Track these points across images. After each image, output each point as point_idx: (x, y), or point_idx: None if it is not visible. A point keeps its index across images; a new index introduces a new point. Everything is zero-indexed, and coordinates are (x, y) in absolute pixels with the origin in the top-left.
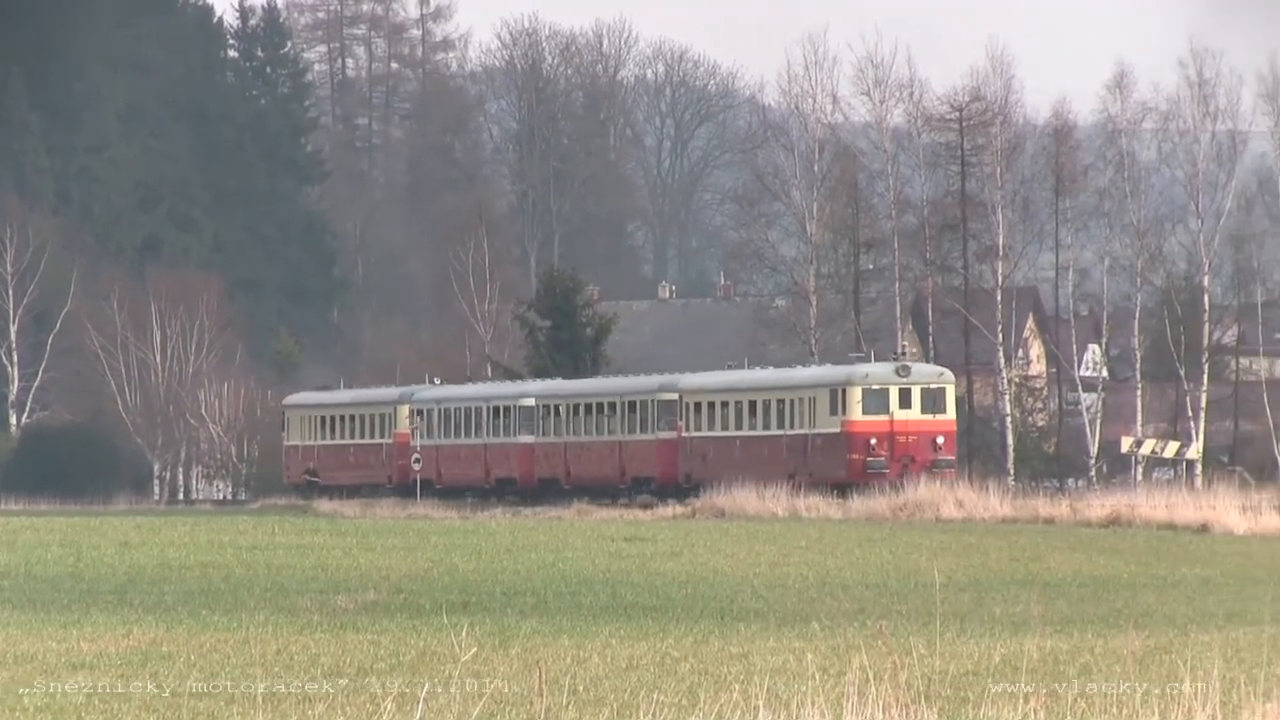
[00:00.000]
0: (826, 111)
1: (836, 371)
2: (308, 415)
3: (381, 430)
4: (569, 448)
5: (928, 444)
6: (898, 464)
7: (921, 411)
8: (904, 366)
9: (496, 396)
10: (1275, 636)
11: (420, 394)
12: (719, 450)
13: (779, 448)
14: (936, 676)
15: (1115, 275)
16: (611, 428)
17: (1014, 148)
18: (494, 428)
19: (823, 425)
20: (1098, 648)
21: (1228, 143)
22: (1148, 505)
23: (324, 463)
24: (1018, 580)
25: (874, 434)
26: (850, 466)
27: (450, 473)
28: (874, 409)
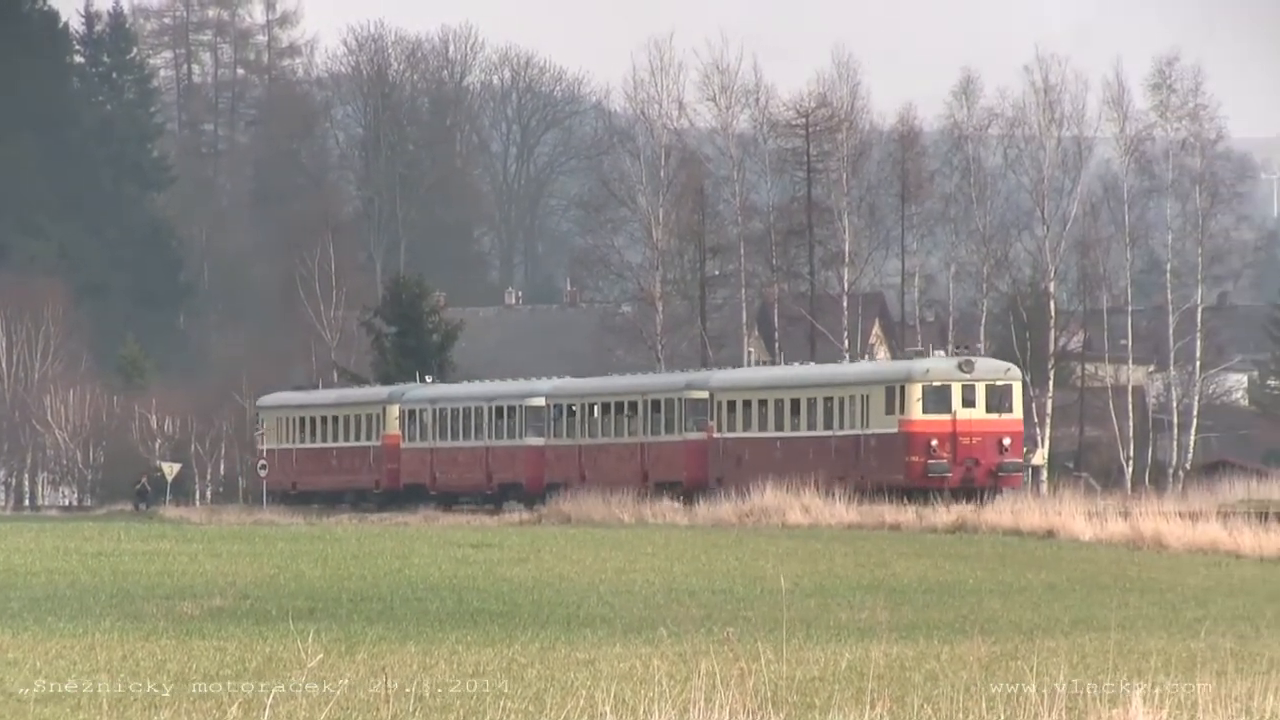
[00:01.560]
0: (673, 117)
1: (894, 367)
2: (285, 417)
3: (368, 432)
4: (584, 450)
5: (993, 445)
6: (960, 467)
7: (986, 410)
8: (967, 361)
9: (500, 395)
10: (1121, 643)
11: (411, 393)
12: (756, 452)
13: (826, 450)
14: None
15: (961, 281)
16: (633, 428)
17: (860, 154)
18: (497, 429)
19: (878, 425)
20: (944, 654)
21: (1073, 149)
22: (993, 511)
23: (303, 467)
24: (864, 586)
25: (935, 435)
26: (909, 470)
27: (446, 478)
28: (935, 407)
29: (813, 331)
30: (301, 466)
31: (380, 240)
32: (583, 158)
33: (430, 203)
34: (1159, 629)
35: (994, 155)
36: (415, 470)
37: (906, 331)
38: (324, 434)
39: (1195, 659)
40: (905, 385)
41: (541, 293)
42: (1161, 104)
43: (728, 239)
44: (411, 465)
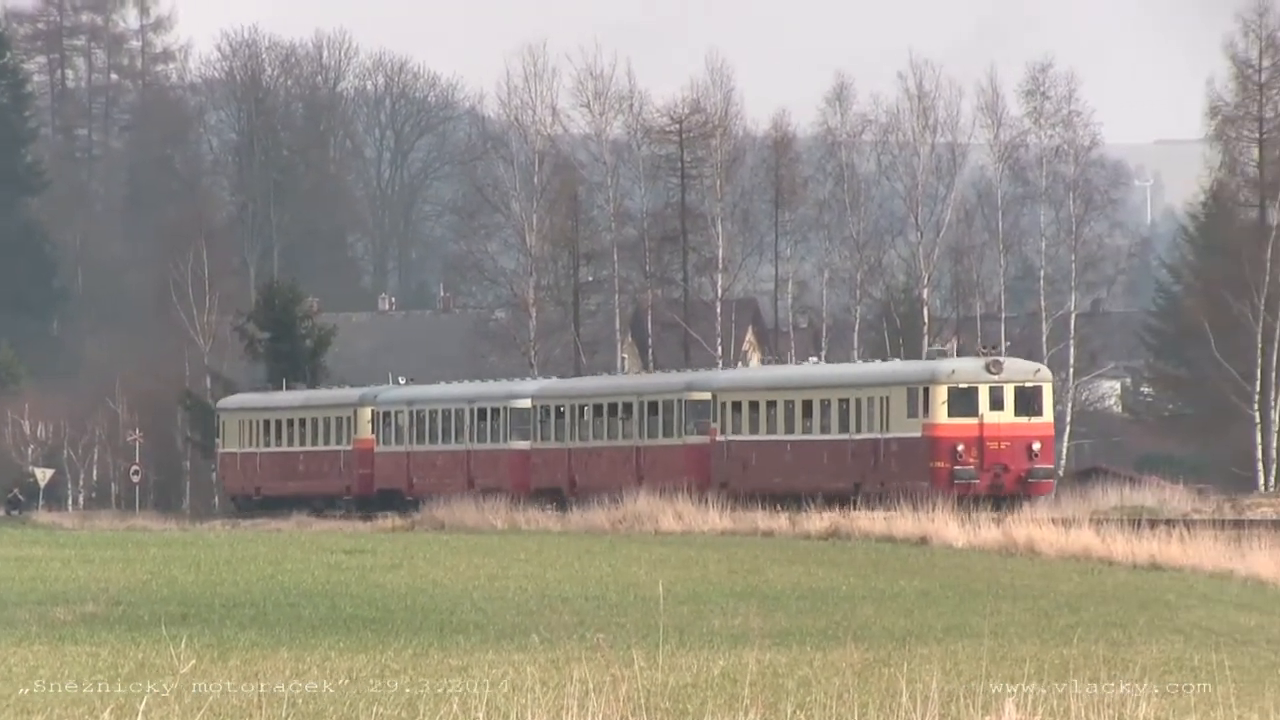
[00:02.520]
0: (546, 123)
1: (917, 367)
2: (248, 419)
3: (339, 436)
4: (574, 454)
5: (1022, 450)
6: (988, 473)
7: (1015, 413)
8: (995, 362)
9: (481, 397)
10: (994, 649)
11: (385, 395)
12: (764, 456)
13: (842, 454)
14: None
15: (835, 287)
16: (627, 431)
17: (734, 160)
18: (478, 432)
19: (899, 429)
20: (817, 660)
21: (947, 155)
22: (866, 518)
23: (268, 472)
24: (737, 593)
25: (961, 439)
26: (934, 476)
27: (424, 482)
28: (961, 410)
29: (686, 338)
30: (266, 471)
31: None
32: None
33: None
34: (1032, 635)
35: (868, 161)
36: (390, 475)
37: (780, 337)
38: (290, 437)
39: (1068, 665)
40: (929, 387)
41: (415, 298)
42: (1035, 111)
43: (601, 245)
44: (386, 470)
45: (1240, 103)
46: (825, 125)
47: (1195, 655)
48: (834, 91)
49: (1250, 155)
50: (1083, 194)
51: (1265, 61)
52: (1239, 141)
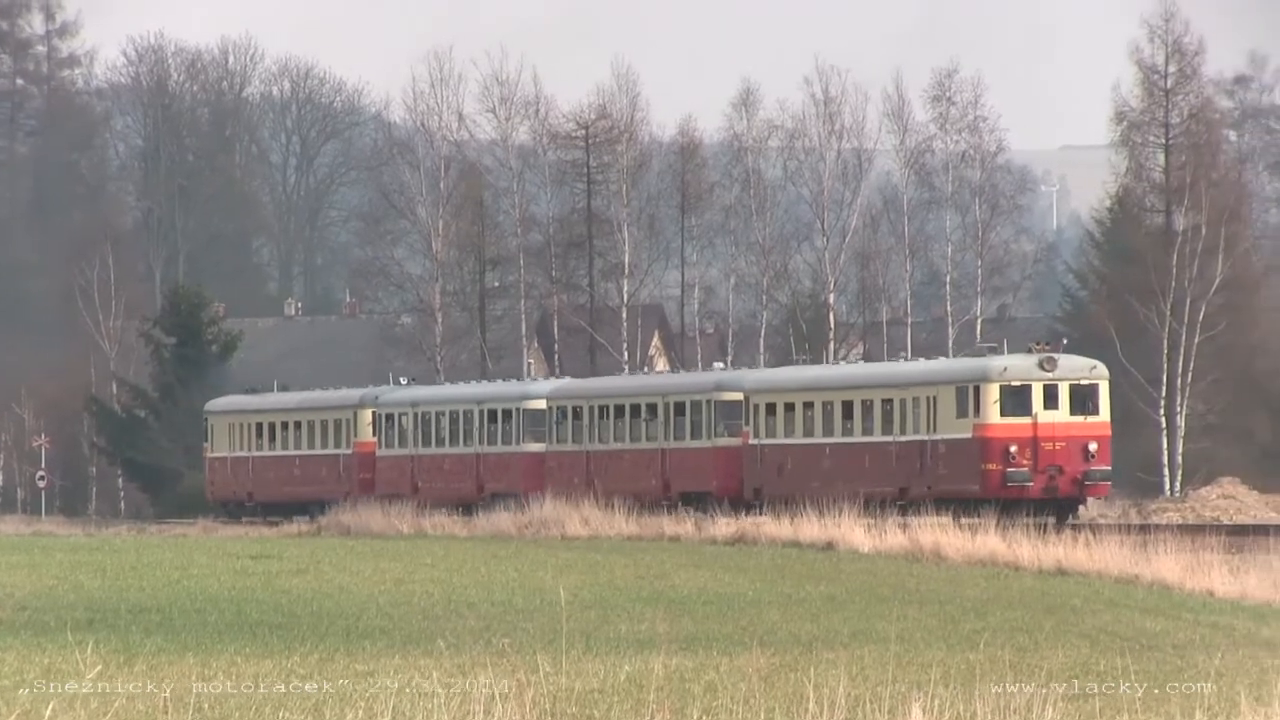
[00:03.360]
0: (452, 129)
1: (967, 365)
2: (239, 422)
3: (337, 439)
4: (593, 458)
5: (1078, 451)
6: (1043, 475)
7: (1071, 412)
8: (1049, 358)
9: (491, 398)
10: (900, 654)
11: (387, 396)
12: (801, 461)
13: (885, 457)
14: (562, 695)
15: (741, 293)
16: (652, 433)
17: (640, 165)
18: (489, 434)
19: (948, 429)
20: (723, 666)
21: (853, 161)
22: (773, 523)
23: (260, 477)
24: (643, 598)
25: (1014, 440)
26: (985, 479)
27: (430, 487)
28: (1014, 410)
29: (592, 343)
30: (258, 476)
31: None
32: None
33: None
34: (938, 640)
35: (774, 167)
36: (393, 479)
37: (686, 343)
38: (285, 441)
39: (974, 670)
40: (980, 385)
41: (321, 304)
42: (941, 116)
43: (507, 250)
44: (389, 474)
45: (1146, 108)
46: (732, 131)
47: (1101, 660)
48: (740, 97)
49: (1156, 161)
50: (989, 199)
51: (1171, 67)
52: (1145, 147)
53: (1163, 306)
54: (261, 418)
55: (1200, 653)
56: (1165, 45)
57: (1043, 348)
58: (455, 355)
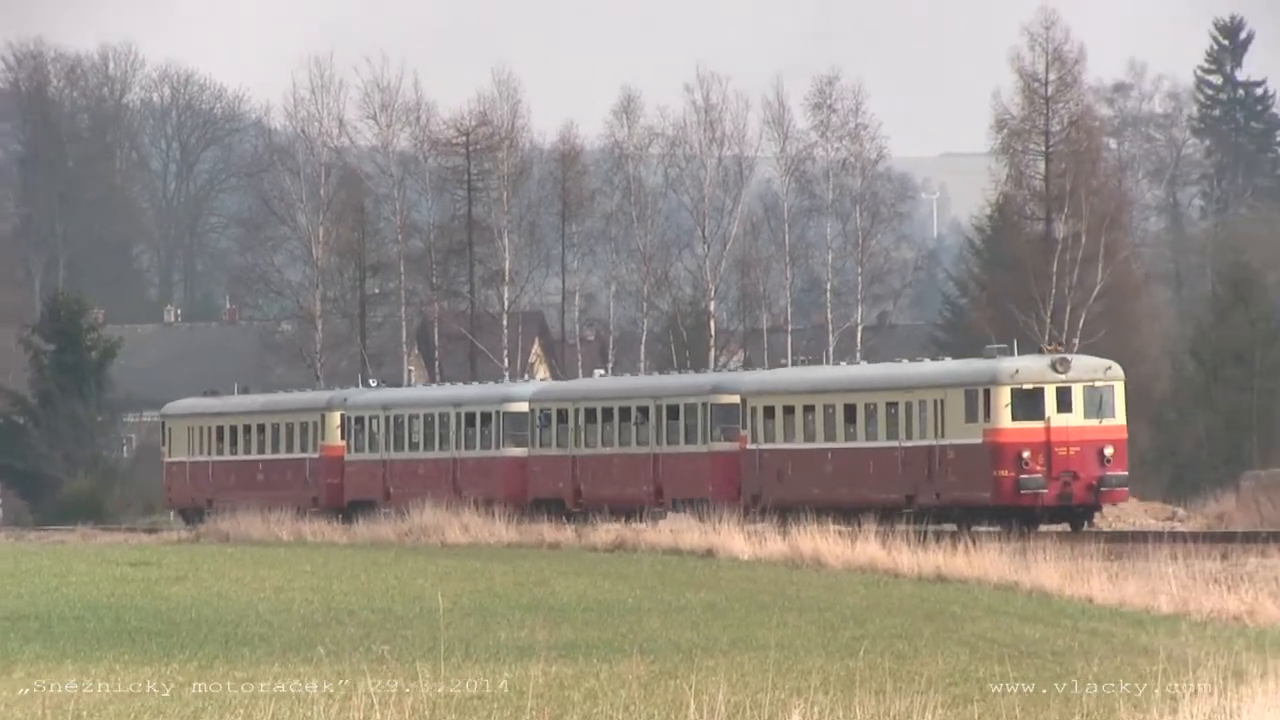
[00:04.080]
0: (333, 135)
1: (976, 367)
2: (198, 426)
3: (303, 443)
4: (580, 463)
5: (1093, 456)
6: (1057, 482)
7: (1085, 416)
8: (1062, 360)
9: (470, 400)
10: (780, 662)
11: (356, 398)
12: (802, 466)
13: (891, 463)
14: (442, 702)
15: (622, 300)
16: (642, 437)
17: (521, 172)
18: (467, 438)
19: (956, 434)
20: (603, 673)
21: (734, 168)
22: (652, 531)
23: (221, 482)
24: (523, 605)
25: (1026, 445)
26: (997, 486)
27: (402, 493)
28: (1026, 414)
29: (473, 350)
30: (219, 481)
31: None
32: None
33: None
34: (818, 648)
35: (655, 174)
36: (363, 485)
37: (567, 350)
38: (248, 445)
39: (854, 677)
40: (991, 389)
41: (201, 310)
42: (822, 124)
43: (388, 257)
44: (358, 479)
45: (1027, 116)
46: (612, 138)
47: (980, 667)
48: (621, 104)
49: (1036, 168)
50: (869, 207)
51: (1052, 75)
52: (1025, 155)
53: (1043, 314)
54: (222, 420)
55: (1079, 659)
56: (1046, 53)
57: (1055, 348)
58: (336, 362)
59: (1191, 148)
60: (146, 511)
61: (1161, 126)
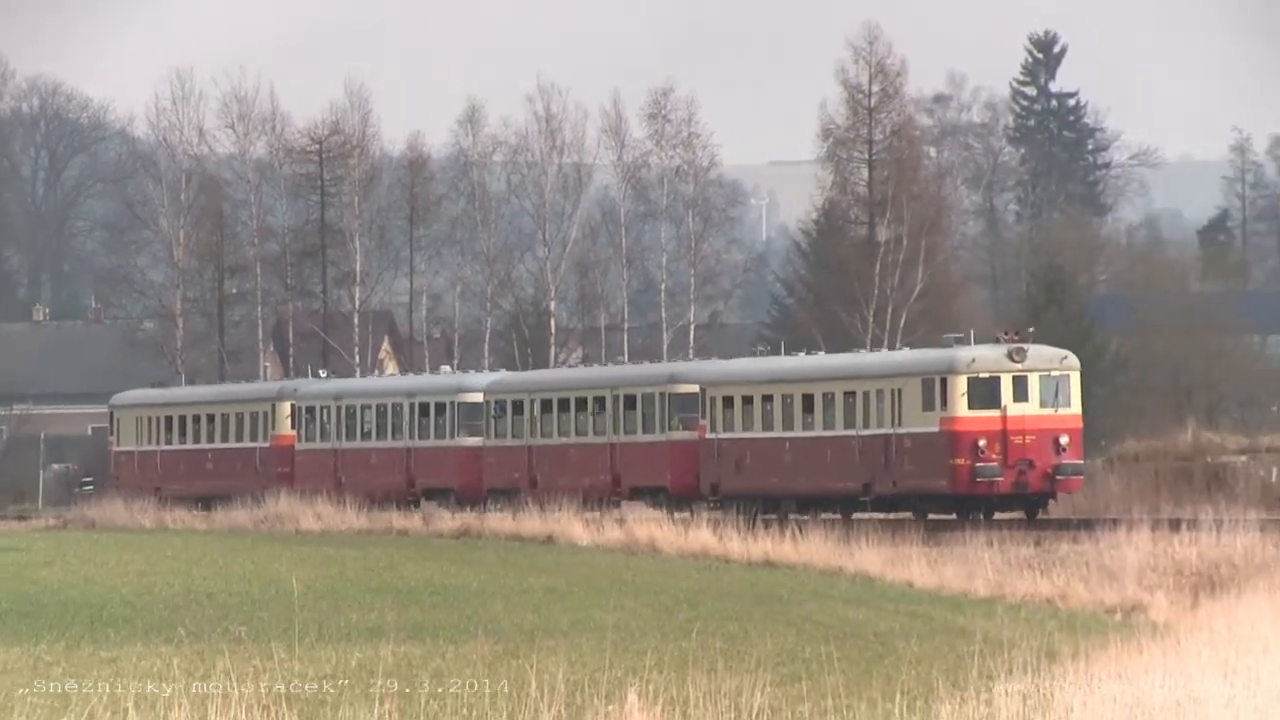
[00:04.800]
0: (193, 144)
1: (933, 356)
2: (146, 415)
3: (254, 432)
4: (536, 452)
5: (1049, 445)
6: (1012, 470)
7: (1041, 405)
8: (1018, 349)
9: (424, 390)
10: (617, 642)
11: (306, 388)
12: (760, 455)
13: (848, 451)
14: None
15: (467, 300)
16: (600, 427)
17: (371, 179)
18: (421, 428)
19: (913, 423)
20: (449, 653)
21: (573, 175)
22: (496, 518)
23: (170, 471)
24: (374, 589)
25: (982, 434)
26: (954, 475)
27: (355, 481)
28: (982, 402)
29: (325, 347)
30: (167, 470)
31: None
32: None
33: None
34: (653, 629)
35: (498, 181)
36: (314, 474)
37: (415, 347)
38: (197, 434)
39: (687, 657)
40: (947, 377)
41: (68, 309)
42: (657, 133)
43: (245, 259)
44: (309, 468)
45: (851, 126)
46: (458, 146)
47: (807, 648)
48: (466, 114)
49: (860, 175)
50: (701, 212)
51: (875, 87)
52: (849, 162)
53: (866, 314)
54: (171, 410)
55: (900, 640)
56: (869, 66)
57: (1011, 337)
58: (195, 359)
59: (1007, 156)
60: (17, 500)
61: (979, 136)
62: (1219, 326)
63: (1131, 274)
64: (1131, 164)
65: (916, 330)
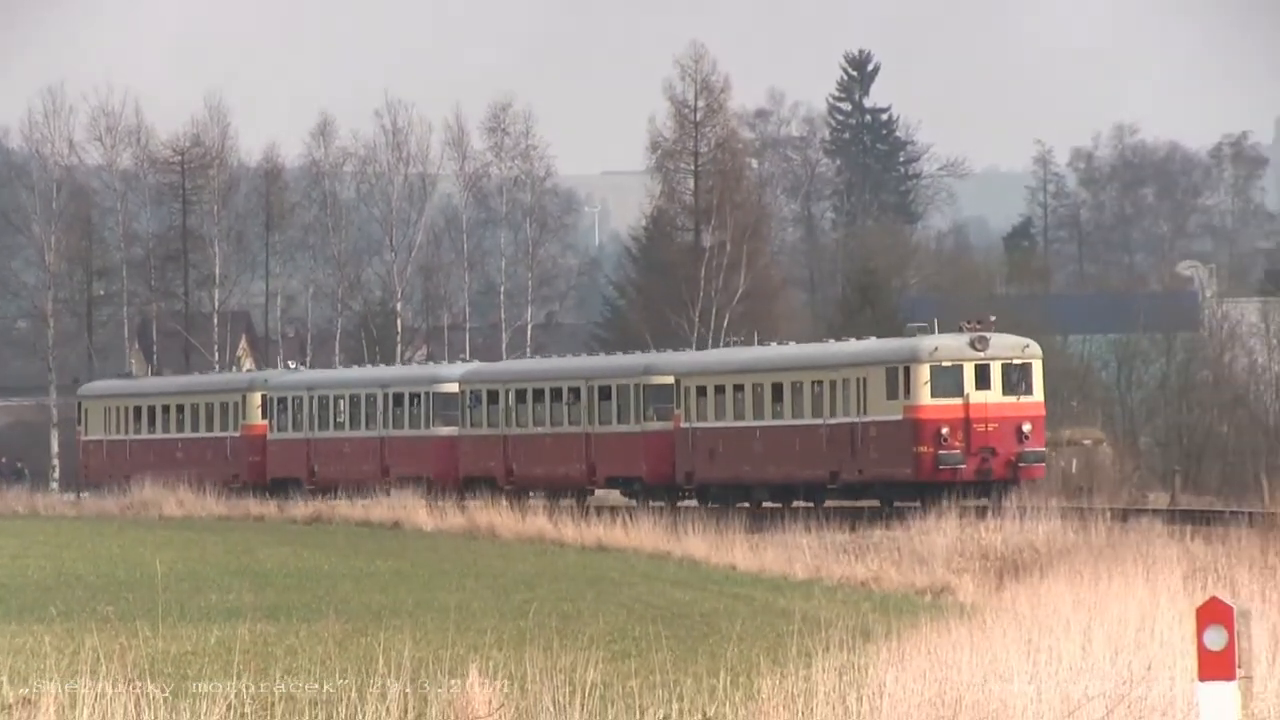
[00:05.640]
0: (64, 155)
1: (896, 345)
2: (115, 406)
3: (224, 422)
4: (511, 442)
5: (1011, 432)
6: (975, 458)
7: (1003, 393)
8: (980, 337)
9: (398, 381)
10: (459, 621)
11: (277, 379)
12: (732, 444)
13: (816, 440)
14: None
15: (319, 301)
16: (575, 417)
17: (230, 188)
18: (395, 418)
19: (878, 411)
20: (302, 631)
21: (419, 184)
22: (346, 505)
23: (139, 460)
24: (232, 571)
25: (945, 421)
26: (917, 462)
27: (329, 471)
28: (945, 390)
29: (187, 345)
30: (137, 459)
31: None
32: None
33: None
34: (492, 610)
35: (348, 189)
36: (286, 463)
37: (270, 345)
38: (166, 424)
39: (525, 635)
40: (911, 366)
41: None
42: (497, 145)
43: (112, 263)
44: (282, 457)
45: (678, 139)
46: (311, 158)
47: (637, 627)
48: (319, 127)
49: (686, 185)
50: (538, 219)
51: (700, 102)
52: (676, 173)
53: (692, 314)
54: (140, 401)
55: (724, 620)
56: (695, 83)
57: (974, 326)
58: (65, 356)
59: (824, 167)
60: None
61: (798, 148)
62: (1022, 327)
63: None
64: (940, 175)
65: (739, 330)
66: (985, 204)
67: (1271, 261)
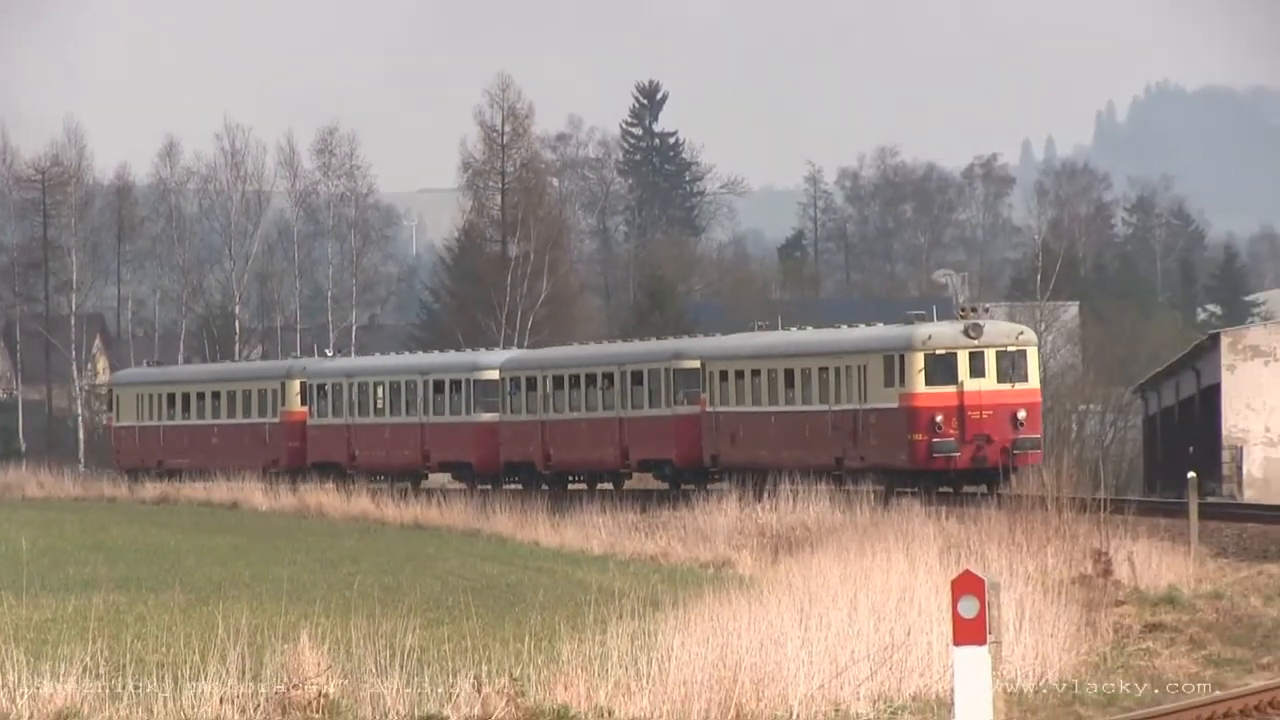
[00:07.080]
0: None
1: (893, 333)
2: (147, 393)
3: (262, 408)
4: (548, 427)
5: (1006, 420)
6: (970, 445)
7: (998, 380)
8: (974, 325)
9: (439, 368)
10: (291, 593)
11: (315, 367)
12: (750, 429)
13: (822, 426)
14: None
15: (165, 305)
16: (609, 402)
17: (86, 203)
18: (436, 404)
19: (876, 399)
20: (151, 601)
21: (254, 200)
22: (190, 487)
23: (173, 446)
24: (88, 547)
25: (940, 409)
26: (913, 450)
27: (369, 456)
28: (939, 378)
29: (48, 345)
30: (170, 445)
31: None
32: None
33: None
34: (321, 581)
35: (192, 205)
36: (327, 448)
37: (122, 345)
38: (201, 410)
39: (350, 605)
40: (905, 354)
41: None
42: (325, 165)
43: None
44: (322, 443)
45: (487, 159)
46: (158, 176)
47: (450, 597)
48: (165, 149)
49: (495, 201)
50: (362, 231)
51: (507, 127)
52: (486, 190)
53: (500, 317)
54: (174, 388)
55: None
56: (502, 109)
57: (968, 314)
58: None
59: (618, 185)
60: None
61: (594, 168)
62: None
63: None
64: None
65: (542, 331)
66: (762, 218)
67: (1017, 270)
